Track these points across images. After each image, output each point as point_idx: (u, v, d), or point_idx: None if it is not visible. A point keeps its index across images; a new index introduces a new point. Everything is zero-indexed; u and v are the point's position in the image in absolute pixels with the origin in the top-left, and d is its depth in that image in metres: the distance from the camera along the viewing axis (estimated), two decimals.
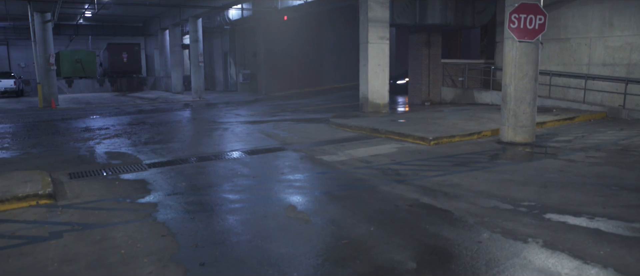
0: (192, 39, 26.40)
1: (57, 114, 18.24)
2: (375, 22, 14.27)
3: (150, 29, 36.72)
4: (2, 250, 4.54)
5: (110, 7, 25.80)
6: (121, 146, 10.52)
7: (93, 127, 14.01)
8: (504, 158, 8.32)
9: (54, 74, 22.51)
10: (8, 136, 12.59)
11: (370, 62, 14.40)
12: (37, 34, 21.64)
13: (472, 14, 16.39)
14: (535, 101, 9.46)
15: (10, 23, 32.56)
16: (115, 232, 4.92)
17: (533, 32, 9.14)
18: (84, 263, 4.18)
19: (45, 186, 6.37)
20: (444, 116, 13.12)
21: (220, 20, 27.51)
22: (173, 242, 4.60)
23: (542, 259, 3.98)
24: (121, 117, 16.70)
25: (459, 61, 17.85)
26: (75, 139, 11.62)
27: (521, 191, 6.04)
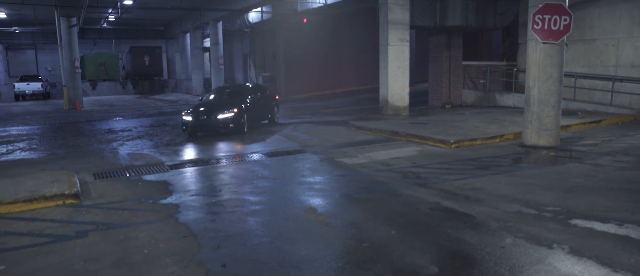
0: (213, 42, 26.68)
1: (81, 116, 18.60)
2: (395, 24, 14.21)
3: (172, 33, 37.23)
4: (31, 248, 4.64)
5: (132, 11, 26.23)
6: (143, 147, 10.67)
7: (116, 129, 14.25)
8: (527, 161, 8.19)
9: (78, 77, 23.00)
10: (36, 137, 12.89)
11: (390, 64, 14.34)
12: (63, 38, 22.13)
13: (493, 15, 16.19)
14: (559, 103, 9.29)
15: (38, 28, 33.37)
16: (138, 232, 4.99)
17: (558, 33, 8.98)
18: (108, 262, 4.25)
19: (71, 186, 6.50)
20: (465, 118, 12.99)
21: (240, 23, 27.74)
22: (194, 243, 4.65)
23: (568, 266, 3.90)
24: (143, 119, 16.95)
25: (480, 63, 17.64)
26: (99, 141, 11.83)
27: (545, 196, 5.93)
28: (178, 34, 34.70)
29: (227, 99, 12.77)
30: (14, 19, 30.90)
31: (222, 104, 12.17)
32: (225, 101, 12.56)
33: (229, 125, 11.61)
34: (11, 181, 6.86)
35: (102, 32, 37.63)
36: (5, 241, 4.84)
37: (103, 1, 22.95)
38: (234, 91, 13.71)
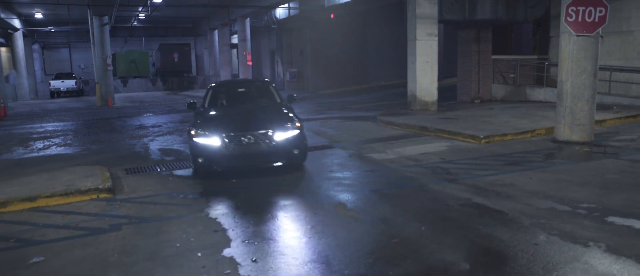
0: (240, 39, 26.91)
1: (113, 112, 19.04)
2: (423, 18, 14.04)
3: (200, 30, 37.70)
4: (68, 240, 4.79)
5: (162, 9, 26.67)
6: (173, 142, 10.85)
7: (146, 124, 14.54)
8: (560, 157, 7.99)
9: (110, 74, 23.54)
10: (70, 133, 13.27)
11: (418, 59, 14.18)
12: (95, 36, 22.68)
13: (524, 7, 15.82)
14: (594, 97, 9.03)
15: (72, 27, 34.31)
16: (170, 226, 5.09)
17: (592, 25, 8.72)
18: (141, 255, 4.34)
19: (104, 180, 6.67)
20: (494, 113, 12.76)
21: (268, 19, 27.88)
22: (225, 237, 4.71)
23: (605, 265, 3.79)
24: (173, 115, 17.24)
25: (510, 57, 17.28)
26: (130, 136, 12.10)
27: (579, 193, 5.79)
28: (206, 31, 35.11)
29: (255, 107, 8.49)
30: (50, 19, 31.84)
31: (261, 114, 7.81)
32: (258, 110, 8.21)
33: (292, 151, 7.06)
34: (48, 176, 7.09)
35: (133, 30, 38.39)
36: (44, 233, 5.00)
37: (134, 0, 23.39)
38: (249, 90, 9.33)
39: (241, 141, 6.88)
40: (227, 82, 10.91)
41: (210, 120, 7.59)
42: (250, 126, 7.06)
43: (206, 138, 6.93)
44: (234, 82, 11.39)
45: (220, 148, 6.84)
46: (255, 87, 9.42)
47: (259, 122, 7.19)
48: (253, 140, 6.89)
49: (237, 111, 8.17)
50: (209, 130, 7.00)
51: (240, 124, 7.18)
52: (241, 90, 9.22)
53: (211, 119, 7.69)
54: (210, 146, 6.88)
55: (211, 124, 7.27)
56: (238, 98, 8.88)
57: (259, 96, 8.90)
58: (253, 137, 6.90)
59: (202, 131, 7.02)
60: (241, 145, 6.88)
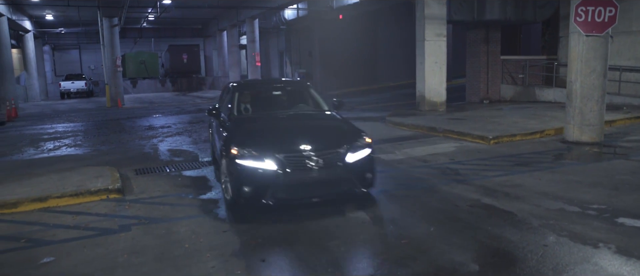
0: (249, 40, 26.99)
1: (123, 113, 19.18)
2: (431, 19, 14.01)
3: (209, 31, 37.86)
4: (78, 240, 4.84)
5: (171, 10, 26.83)
6: (182, 143, 10.91)
7: (156, 125, 14.63)
8: (570, 158, 7.94)
9: (120, 75, 23.72)
10: (80, 133, 13.38)
11: (427, 59, 14.15)
12: (105, 37, 22.86)
13: (533, 8, 15.73)
14: (603, 98, 8.95)
15: (82, 28, 34.64)
16: (179, 227, 5.12)
17: (602, 25, 8.65)
18: (151, 255, 4.38)
19: (114, 181, 6.72)
20: (503, 114, 12.69)
21: (276, 20, 27.94)
22: (234, 238, 4.73)
23: (615, 266, 3.76)
24: (182, 116, 17.33)
25: (519, 57, 17.19)
26: (139, 137, 12.18)
27: (589, 193, 5.74)
28: (215, 32, 35.25)
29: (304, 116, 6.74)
30: (60, 21, 32.14)
31: (319, 127, 6.32)
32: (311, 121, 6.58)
33: (365, 176, 5.55)
34: (58, 176, 7.16)
35: (142, 32, 38.65)
36: (54, 234, 5.05)
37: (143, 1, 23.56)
38: (285, 92, 7.51)
39: (306, 164, 5.18)
40: (255, 83, 8.88)
41: (255, 134, 5.81)
42: (314, 143, 5.39)
43: (255, 159, 5.19)
44: (264, 82, 9.50)
45: (278, 173, 5.12)
46: (291, 90, 7.57)
47: (324, 138, 5.66)
48: (322, 163, 5.20)
49: (285, 123, 6.33)
50: (258, 148, 5.27)
51: (301, 141, 5.45)
52: (276, 93, 7.40)
53: (255, 132, 5.90)
54: (262, 171, 5.14)
55: (258, 139, 5.56)
56: (274, 103, 7.05)
57: (299, 100, 7.18)
58: (322, 158, 5.22)
59: (248, 150, 5.26)
60: (306, 170, 5.18)
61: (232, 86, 7.42)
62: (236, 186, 5.27)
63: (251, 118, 6.60)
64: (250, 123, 6.37)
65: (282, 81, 9.16)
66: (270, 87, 7.88)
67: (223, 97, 7.69)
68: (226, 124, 6.36)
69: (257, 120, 6.50)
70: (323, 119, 6.60)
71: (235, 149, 5.32)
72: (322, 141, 5.50)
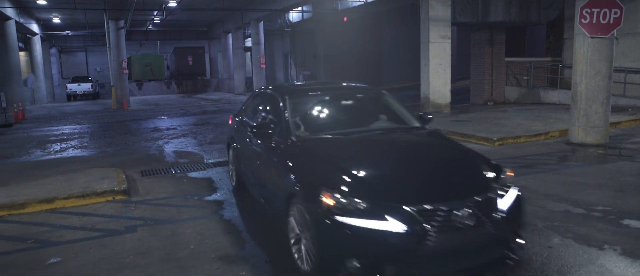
0: (254, 42, 27.08)
1: (128, 115, 19.28)
2: (436, 21, 14.02)
3: (214, 33, 38.01)
4: (85, 241, 4.88)
5: (176, 13, 26.96)
6: (188, 145, 10.97)
7: (161, 127, 14.70)
8: (574, 159, 7.92)
9: (126, 78, 23.85)
10: (86, 135, 13.47)
11: (432, 61, 14.16)
12: (111, 40, 23.01)
13: (537, 9, 15.71)
14: (608, 100, 8.94)
15: (88, 31, 34.89)
16: (184, 228, 5.16)
17: (607, 27, 8.64)
18: (156, 256, 4.41)
19: (120, 183, 6.77)
20: (508, 116, 12.68)
21: (281, 22, 28.03)
22: (239, 239, 4.76)
23: (621, 268, 3.77)
24: (187, 117, 17.41)
25: (524, 59, 17.17)
26: (145, 139, 12.24)
27: (594, 195, 5.74)
28: (220, 34, 35.39)
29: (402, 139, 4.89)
30: (67, 24, 32.38)
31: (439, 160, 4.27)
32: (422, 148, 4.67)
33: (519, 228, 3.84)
34: (65, 178, 7.22)
35: (148, 34, 38.85)
36: (61, 235, 5.10)
37: (149, 4, 23.68)
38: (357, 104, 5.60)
39: (453, 220, 3.36)
40: (310, 88, 5.94)
41: (351, 170, 3.75)
42: (453, 186, 3.66)
43: (368, 215, 3.33)
44: (323, 88, 5.97)
45: (409, 237, 3.28)
46: (363, 98, 5.64)
47: (463, 176, 3.84)
48: (474, 216, 3.40)
49: (383, 149, 4.47)
50: (369, 195, 3.42)
51: (431, 181, 3.73)
52: (346, 102, 5.49)
53: (349, 167, 3.81)
54: (382, 233, 3.28)
55: (364, 180, 3.68)
56: (346, 117, 5.19)
57: (376, 112, 5.30)
58: (473, 209, 3.41)
59: (353, 198, 3.39)
60: (453, 229, 3.35)
61: (276, 92, 5.40)
62: (333, 256, 3.40)
63: (326, 141, 4.53)
64: (330, 150, 4.33)
65: (345, 86, 6.04)
66: (334, 94, 5.58)
67: (259, 107, 5.79)
68: (287, 150, 4.44)
69: (337, 145, 4.46)
70: (435, 144, 4.68)
71: (329, 196, 3.41)
72: (462, 182, 3.70)
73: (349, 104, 5.52)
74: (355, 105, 5.51)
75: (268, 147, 4.84)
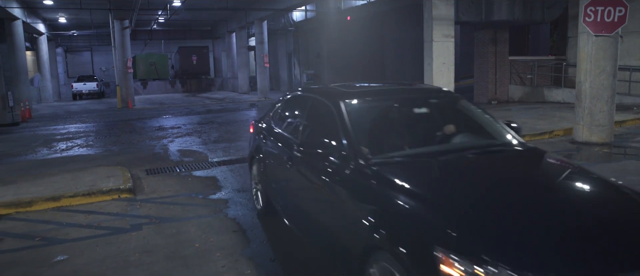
0: (258, 41, 27.13)
1: (133, 114, 19.38)
2: (439, 20, 14.01)
3: (218, 32, 38.10)
4: (91, 239, 4.94)
5: (181, 12, 27.05)
6: (192, 144, 11.03)
7: (166, 126, 14.78)
8: (579, 158, 7.93)
9: (131, 77, 23.97)
10: (92, 134, 13.57)
11: (435, 61, 14.15)
12: (116, 39, 23.12)
13: (541, 8, 15.70)
14: (613, 98, 8.94)
15: (94, 31, 35.06)
16: (189, 226, 5.21)
17: (611, 25, 8.64)
18: (162, 254, 4.47)
19: (125, 181, 6.84)
20: (512, 114, 12.68)
21: (285, 22, 28.06)
22: (244, 237, 4.81)
23: None
24: (191, 116, 17.48)
25: (528, 57, 17.16)
26: (150, 138, 12.32)
27: None
28: (224, 34, 35.46)
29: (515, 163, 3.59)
30: (73, 23, 32.56)
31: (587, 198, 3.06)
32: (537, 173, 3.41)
33: None
34: (71, 176, 7.29)
35: (153, 34, 38.99)
36: (68, 233, 5.17)
37: (153, 3, 23.77)
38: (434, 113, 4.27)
39: None
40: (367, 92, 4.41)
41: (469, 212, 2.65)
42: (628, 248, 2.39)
43: None
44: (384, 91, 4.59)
45: None
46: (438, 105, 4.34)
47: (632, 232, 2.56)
48: None
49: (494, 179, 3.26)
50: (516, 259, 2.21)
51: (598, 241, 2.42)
52: (419, 111, 4.25)
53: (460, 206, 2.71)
54: None
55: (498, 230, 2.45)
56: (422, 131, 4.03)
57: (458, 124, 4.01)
58: None
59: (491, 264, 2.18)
60: None
61: (325, 96, 4.21)
62: None
63: (409, 167, 3.33)
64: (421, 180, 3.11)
65: (412, 89, 4.79)
66: (402, 99, 4.29)
67: (297, 115, 4.65)
68: (354, 179, 3.24)
69: (428, 173, 3.28)
70: (568, 174, 3.38)
71: (451, 265, 2.26)
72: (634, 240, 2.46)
73: (422, 112, 4.22)
74: (430, 113, 4.21)
75: (321, 171, 3.56)
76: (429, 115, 4.24)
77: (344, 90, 4.33)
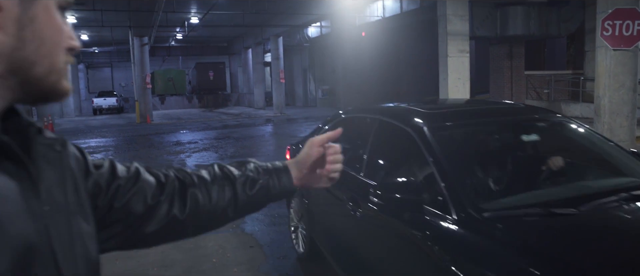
0: (273, 57, 27.44)
1: (151, 129, 19.66)
2: (454, 35, 14.05)
3: (234, 48, 38.60)
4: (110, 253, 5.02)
5: (198, 29, 27.52)
6: (209, 159, 11.16)
7: (183, 141, 14.97)
8: None
9: (149, 92, 24.39)
10: (111, 148, 13.81)
11: (450, 76, 14.17)
12: (136, 56, 23.59)
13: (557, 22, 15.64)
14: (634, 113, 8.83)
15: (114, 47, 35.85)
16: (206, 241, 5.27)
17: (630, 39, 8.57)
18: (180, 269, 4.53)
19: None
20: None
21: (300, 38, 28.35)
22: (261, 253, 4.86)
23: None
24: (208, 132, 17.68)
25: (544, 72, 17.06)
26: (168, 152, 12.50)
27: None
28: (240, 50, 35.92)
29: None
30: (94, 41, 33.34)
31: None
32: None
33: None
34: None
35: (170, 50, 39.66)
36: None
37: (172, 20, 24.25)
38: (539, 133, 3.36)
39: None
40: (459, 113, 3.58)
41: None
42: None
43: None
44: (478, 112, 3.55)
45: None
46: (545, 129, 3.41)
47: None
48: None
49: None
50: None
51: None
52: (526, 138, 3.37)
53: None
54: None
55: None
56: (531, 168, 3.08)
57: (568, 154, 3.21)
58: None
59: None
60: None
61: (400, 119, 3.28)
62: None
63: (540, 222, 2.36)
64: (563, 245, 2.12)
65: (509, 108, 4.10)
66: (501, 122, 3.38)
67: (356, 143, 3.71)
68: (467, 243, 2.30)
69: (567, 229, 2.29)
70: None
71: None
72: None
73: (531, 140, 3.31)
74: (539, 142, 3.32)
75: (408, 223, 2.63)
76: (538, 143, 3.31)
77: (425, 110, 3.43)
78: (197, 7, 22.56)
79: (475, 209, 2.35)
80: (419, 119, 3.12)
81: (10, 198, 0.59)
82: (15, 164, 0.62)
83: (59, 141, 0.76)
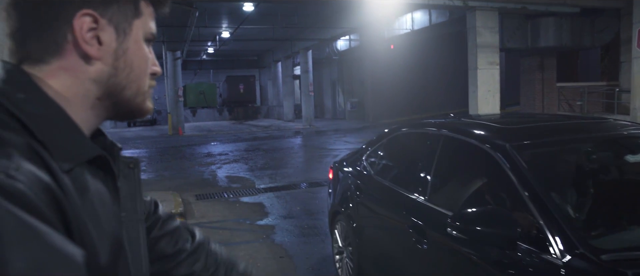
0: (303, 70, 27.76)
1: (183, 141, 20.12)
2: (484, 47, 13.99)
3: (264, 62, 39.19)
4: None
5: (229, 43, 28.11)
6: (239, 170, 11.37)
7: (214, 153, 15.28)
8: None
9: (181, 105, 24.99)
10: (144, 159, 14.21)
11: (480, 88, 14.08)
12: (168, 70, 24.25)
13: (590, 33, 15.36)
14: None
15: None
16: (237, 251, 5.40)
17: None
18: None
19: (177, 205, 7.17)
20: None
21: (329, 51, 28.60)
22: (290, 263, 4.96)
23: None
24: (238, 143, 17.98)
25: (577, 84, 16.76)
26: (199, 164, 12.79)
27: None
28: (270, 63, 36.45)
29: None
30: None
31: None
32: None
33: None
34: None
35: (202, 64, 40.54)
36: None
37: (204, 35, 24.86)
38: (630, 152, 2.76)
39: None
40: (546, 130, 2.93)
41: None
42: None
43: None
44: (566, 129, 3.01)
45: None
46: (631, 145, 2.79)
47: None
48: None
49: None
50: None
51: None
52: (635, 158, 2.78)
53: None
54: None
55: None
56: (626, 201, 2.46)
57: None
58: None
59: None
60: None
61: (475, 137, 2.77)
62: None
63: None
64: None
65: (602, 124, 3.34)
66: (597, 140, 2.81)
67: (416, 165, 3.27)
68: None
69: None
70: None
71: None
72: None
73: (629, 165, 2.80)
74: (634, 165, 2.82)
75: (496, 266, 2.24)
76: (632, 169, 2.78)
77: (502, 126, 3.02)
78: (229, 21, 23.07)
79: (589, 249, 1.84)
80: (499, 139, 2.61)
81: (107, 202, 0.73)
82: (107, 175, 0.76)
83: (134, 161, 0.89)
